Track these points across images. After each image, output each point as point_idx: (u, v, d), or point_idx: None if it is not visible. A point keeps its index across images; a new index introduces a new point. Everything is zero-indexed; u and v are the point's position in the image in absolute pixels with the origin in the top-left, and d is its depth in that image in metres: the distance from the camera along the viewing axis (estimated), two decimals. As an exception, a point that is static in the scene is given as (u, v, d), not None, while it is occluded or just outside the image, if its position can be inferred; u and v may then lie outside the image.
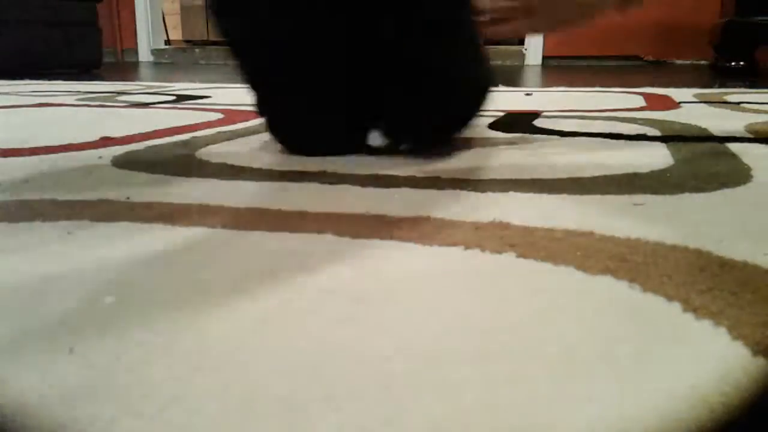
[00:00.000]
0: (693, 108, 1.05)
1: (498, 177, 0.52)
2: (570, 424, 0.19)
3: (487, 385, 0.21)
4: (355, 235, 0.37)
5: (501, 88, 1.49)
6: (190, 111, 1.07)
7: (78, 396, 0.21)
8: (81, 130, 0.82)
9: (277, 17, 0.57)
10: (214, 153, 0.65)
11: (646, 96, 1.27)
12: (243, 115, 0.99)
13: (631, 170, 0.54)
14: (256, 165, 0.58)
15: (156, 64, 3.40)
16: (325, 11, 0.57)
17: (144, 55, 3.72)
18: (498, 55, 3.24)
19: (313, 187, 0.50)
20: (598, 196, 0.46)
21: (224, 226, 0.39)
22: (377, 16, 0.56)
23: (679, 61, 2.91)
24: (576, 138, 0.73)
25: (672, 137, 0.72)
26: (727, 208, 0.42)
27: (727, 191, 0.47)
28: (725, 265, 0.31)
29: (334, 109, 0.62)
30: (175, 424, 0.19)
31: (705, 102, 1.14)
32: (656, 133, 0.76)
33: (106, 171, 0.56)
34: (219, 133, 0.79)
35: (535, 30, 0.74)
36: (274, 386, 0.21)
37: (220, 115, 0.99)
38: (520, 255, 0.33)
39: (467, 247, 0.35)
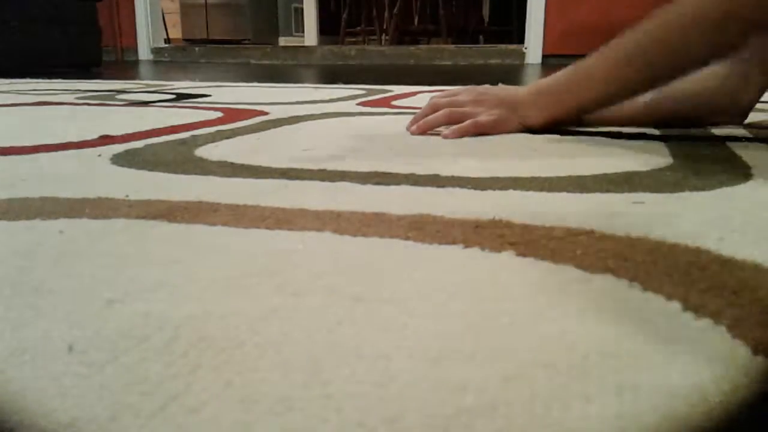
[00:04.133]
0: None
1: (498, 175, 0.52)
2: (570, 424, 0.19)
3: (487, 385, 0.21)
4: (355, 233, 0.37)
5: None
6: (190, 109, 1.07)
7: (77, 394, 0.21)
8: (81, 128, 0.82)
9: None
10: (213, 151, 0.65)
11: (646, 95, 1.27)
12: (242, 114, 0.99)
13: (630, 169, 0.54)
14: (255, 163, 0.58)
15: (156, 63, 3.40)
16: None
17: (144, 53, 3.72)
18: (498, 54, 3.24)
19: (313, 184, 0.50)
20: (598, 195, 0.46)
21: (224, 224, 0.39)
22: None
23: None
24: (575, 136, 0.73)
25: (671, 136, 0.72)
26: (727, 207, 0.42)
27: (726, 190, 0.47)
28: (725, 264, 0.31)
29: None
30: (174, 423, 0.19)
31: (705, 101, 1.14)
32: (656, 131, 0.76)
33: (105, 169, 0.56)
34: (218, 131, 0.79)
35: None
36: (274, 386, 0.21)
37: (219, 114, 0.99)
38: (520, 254, 0.33)
39: (467, 246, 0.35)
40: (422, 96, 1.31)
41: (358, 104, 1.14)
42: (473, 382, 0.21)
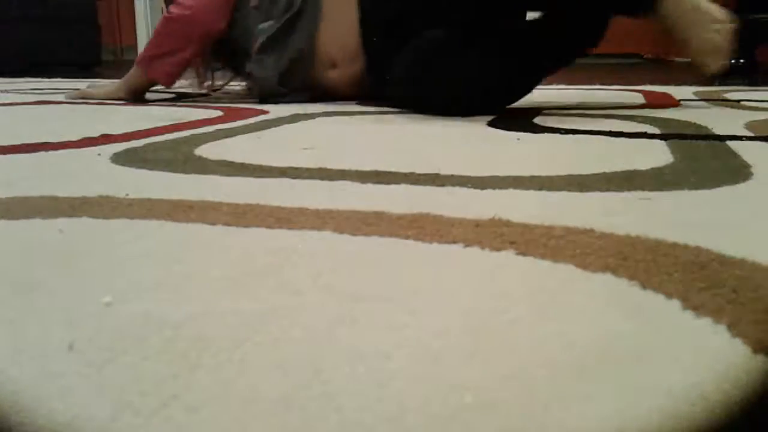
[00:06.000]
0: (693, 106, 1.04)
1: (498, 174, 0.52)
2: (570, 424, 0.19)
3: (486, 385, 0.21)
4: (355, 232, 0.37)
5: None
6: (190, 108, 1.07)
7: (77, 393, 0.21)
8: (81, 127, 0.82)
9: None
10: (213, 150, 0.65)
11: (645, 94, 1.27)
12: (243, 113, 0.99)
13: (631, 168, 0.54)
14: (255, 162, 0.58)
15: (155, 62, 3.39)
16: None
17: (143, 52, 3.72)
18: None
19: (313, 183, 0.50)
20: (598, 194, 0.46)
21: (224, 223, 0.39)
22: None
23: (678, 59, 2.91)
24: (576, 135, 0.73)
25: (672, 135, 0.72)
26: (727, 206, 0.42)
27: (726, 188, 0.47)
28: (725, 262, 0.31)
29: None
30: (174, 422, 0.19)
31: (705, 100, 1.14)
32: (656, 130, 0.76)
33: (105, 168, 0.56)
34: (218, 130, 0.79)
35: None
36: (274, 385, 0.21)
37: (219, 113, 0.99)
38: (520, 252, 0.33)
39: (467, 245, 0.35)
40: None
41: (357, 103, 1.14)
42: (473, 382, 0.21)
